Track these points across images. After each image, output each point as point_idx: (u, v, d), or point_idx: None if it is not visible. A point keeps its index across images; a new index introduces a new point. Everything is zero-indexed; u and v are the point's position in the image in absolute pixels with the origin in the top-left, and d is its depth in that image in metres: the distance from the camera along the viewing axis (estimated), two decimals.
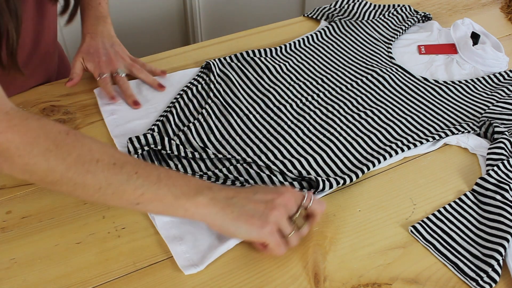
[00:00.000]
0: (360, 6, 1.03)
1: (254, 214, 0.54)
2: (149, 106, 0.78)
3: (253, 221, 0.54)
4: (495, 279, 0.56)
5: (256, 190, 0.57)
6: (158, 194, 0.53)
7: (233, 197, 0.55)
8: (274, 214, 0.54)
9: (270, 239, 0.54)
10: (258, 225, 0.54)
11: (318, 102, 0.80)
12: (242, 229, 0.54)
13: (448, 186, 0.68)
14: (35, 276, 0.56)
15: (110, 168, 0.52)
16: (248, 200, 0.55)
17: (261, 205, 0.55)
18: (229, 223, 0.54)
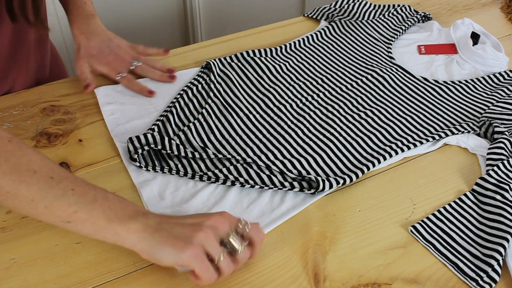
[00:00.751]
0: (360, 6, 1.03)
1: (179, 236, 0.51)
2: (149, 106, 0.79)
3: (177, 243, 0.51)
4: (495, 279, 0.56)
5: (190, 216, 0.54)
6: (91, 214, 0.51)
7: (164, 223, 0.53)
8: (200, 236, 0.51)
9: (194, 262, 0.50)
10: (181, 247, 0.50)
11: (318, 102, 0.80)
12: (167, 252, 0.51)
13: (448, 186, 0.68)
14: (35, 276, 0.56)
15: (46, 181, 0.51)
16: (177, 224, 0.52)
17: (188, 228, 0.52)
18: (155, 247, 0.51)
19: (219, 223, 0.53)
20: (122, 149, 0.70)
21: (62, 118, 0.76)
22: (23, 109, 0.78)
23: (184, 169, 0.67)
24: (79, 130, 0.75)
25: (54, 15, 1.47)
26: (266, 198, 0.65)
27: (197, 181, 0.66)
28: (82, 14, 0.82)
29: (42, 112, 0.77)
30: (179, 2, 1.68)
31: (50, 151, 0.71)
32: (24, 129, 0.74)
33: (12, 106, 0.78)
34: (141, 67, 0.83)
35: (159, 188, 0.65)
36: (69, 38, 1.55)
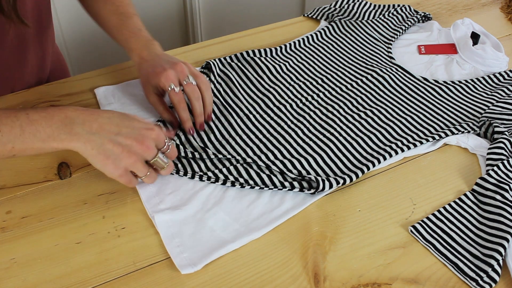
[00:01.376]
0: (360, 6, 1.03)
1: (110, 155, 0.57)
2: (149, 106, 0.78)
3: (107, 162, 0.58)
4: (495, 279, 0.56)
5: (119, 131, 0.58)
6: (26, 143, 0.56)
7: (95, 133, 0.57)
8: (128, 161, 0.58)
9: (120, 179, 0.60)
10: (110, 167, 0.58)
11: (318, 102, 0.80)
12: (97, 165, 0.58)
13: (448, 186, 0.68)
14: (35, 276, 0.56)
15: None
16: (108, 140, 0.57)
17: (118, 148, 0.58)
18: (89, 157, 0.58)
19: (147, 148, 0.59)
20: None
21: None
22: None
23: (184, 169, 0.67)
24: None
25: (54, 15, 1.47)
26: (266, 198, 0.65)
27: (197, 181, 0.66)
28: (140, 41, 0.76)
29: None
30: (179, 2, 1.68)
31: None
32: None
33: (12, 106, 0.78)
34: (192, 88, 0.71)
35: (158, 188, 0.65)
36: (69, 38, 1.55)
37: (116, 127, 0.59)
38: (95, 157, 0.58)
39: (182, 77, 0.70)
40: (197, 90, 0.71)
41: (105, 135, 0.58)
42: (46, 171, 0.68)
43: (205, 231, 0.61)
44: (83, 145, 0.57)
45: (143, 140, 0.59)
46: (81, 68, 1.62)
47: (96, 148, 0.57)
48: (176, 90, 0.70)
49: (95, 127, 0.58)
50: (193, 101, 0.71)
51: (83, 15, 0.89)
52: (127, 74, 0.86)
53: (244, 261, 0.58)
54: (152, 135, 0.60)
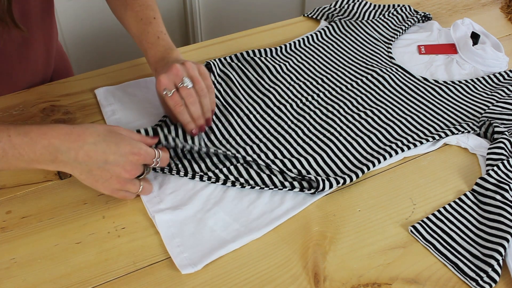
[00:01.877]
0: (360, 6, 1.03)
1: (98, 179, 0.59)
2: (149, 106, 0.78)
3: (97, 184, 0.59)
4: (495, 279, 0.56)
5: (106, 159, 0.58)
6: (11, 164, 0.56)
7: (81, 162, 0.57)
8: (117, 185, 0.60)
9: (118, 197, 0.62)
10: (101, 188, 0.60)
11: (318, 102, 0.80)
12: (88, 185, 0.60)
13: (448, 186, 0.68)
14: (35, 276, 0.56)
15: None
16: (96, 167, 0.58)
17: (107, 174, 0.58)
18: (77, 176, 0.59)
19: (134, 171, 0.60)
20: None
21: (62, 118, 0.76)
22: (23, 109, 0.78)
23: (184, 169, 0.67)
24: None
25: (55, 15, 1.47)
26: (266, 198, 0.65)
27: (197, 181, 0.66)
28: (157, 52, 0.73)
29: (42, 112, 0.77)
30: (179, 2, 1.68)
31: None
32: None
33: (12, 106, 0.78)
34: (187, 93, 0.68)
35: (158, 188, 0.65)
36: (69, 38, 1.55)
37: (102, 155, 0.57)
38: (84, 180, 0.59)
39: (177, 80, 0.67)
40: (192, 94, 0.67)
41: (92, 163, 0.57)
42: (46, 171, 0.68)
43: (206, 231, 0.61)
44: (71, 170, 0.58)
45: (131, 169, 0.59)
46: (81, 68, 1.61)
47: (85, 174, 0.58)
48: (169, 95, 0.67)
49: (81, 156, 0.57)
50: (188, 106, 0.68)
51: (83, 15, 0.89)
52: (127, 74, 0.86)
53: (244, 261, 0.58)
54: (139, 161, 0.60)
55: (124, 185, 0.60)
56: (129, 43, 1.65)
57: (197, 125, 0.70)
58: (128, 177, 0.59)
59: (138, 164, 0.60)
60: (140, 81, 0.83)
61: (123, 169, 0.58)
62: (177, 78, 0.67)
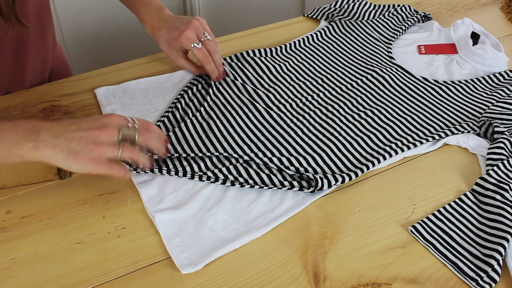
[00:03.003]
0: (360, 6, 1.03)
1: (78, 151, 0.58)
2: (149, 106, 0.79)
3: (79, 157, 0.57)
4: (495, 279, 0.56)
5: (79, 126, 0.59)
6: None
7: (59, 136, 0.58)
8: (97, 150, 0.58)
9: (101, 170, 0.59)
10: (84, 161, 0.58)
11: (318, 102, 0.80)
12: (73, 166, 0.58)
13: (448, 186, 0.68)
14: (35, 276, 0.56)
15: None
16: (72, 138, 0.58)
17: (83, 141, 0.58)
18: (61, 161, 0.57)
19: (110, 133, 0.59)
20: None
21: (62, 118, 0.76)
22: (23, 109, 0.78)
23: (183, 169, 0.67)
24: None
25: (54, 15, 1.47)
26: (266, 197, 0.65)
27: (197, 181, 0.66)
28: (151, 11, 0.82)
29: (42, 112, 0.77)
30: (179, 2, 1.68)
31: None
32: None
33: (12, 106, 0.78)
34: (210, 43, 0.80)
35: (158, 188, 0.65)
36: (69, 38, 1.55)
37: (76, 125, 0.59)
38: (66, 159, 0.58)
39: (199, 34, 0.79)
40: (213, 45, 0.80)
41: (68, 134, 0.58)
42: (46, 171, 0.68)
43: (205, 230, 0.61)
44: (52, 150, 0.57)
45: (104, 127, 0.59)
46: (81, 68, 1.62)
47: (65, 150, 0.57)
48: (198, 47, 0.78)
49: (59, 130, 0.58)
50: (212, 55, 0.80)
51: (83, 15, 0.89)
52: (127, 74, 0.86)
53: (244, 261, 0.58)
54: (111, 120, 0.61)
55: (103, 148, 0.59)
56: (129, 43, 1.65)
57: (220, 72, 0.81)
58: (105, 138, 0.59)
59: (111, 124, 0.60)
60: (140, 81, 0.83)
61: (97, 129, 0.59)
62: (199, 32, 0.79)
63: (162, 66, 0.87)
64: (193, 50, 0.78)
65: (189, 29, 0.78)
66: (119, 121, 0.61)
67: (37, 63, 0.85)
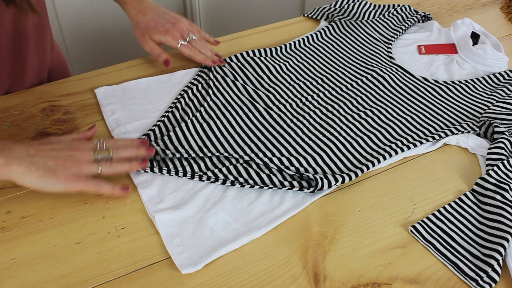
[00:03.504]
0: (360, 6, 1.03)
1: (56, 169, 0.58)
2: (149, 106, 0.79)
3: (56, 175, 0.58)
4: (495, 279, 0.56)
5: (53, 147, 0.61)
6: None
7: (34, 155, 0.58)
8: (75, 167, 0.60)
9: (82, 186, 0.60)
10: (62, 179, 0.59)
11: (318, 101, 0.80)
12: (50, 184, 0.58)
13: (448, 186, 0.68)
14: (35, 276, 0.56)
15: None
16: (48, 158, 0.59)
17: (60, 160, 0.59)
18: (36, 179, 0.58)
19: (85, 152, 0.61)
20: None
21: (62, 118, 0.76)
22: (23, 109, 0.78)
23: (183, 169, 0.67)
24: (79, 130, 0.75)
25: (54, 15, 1.47)
26: (266, 197, 0.65)
27: (197, 181, 0.66)
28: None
29: (42, 112, 0.77)
30: (179, 2, 1.68)
31: None
32: (24, 129, 0.74)
33: (12, 106, 0.78)
34: (196, 42, 0.84)
35: (158, 189, 0.65)
36: (69, 38, 1.55)
37: (49, 145, 0.61)
38: (42, 176, 0.58)
39: (184, 35, 0.84)
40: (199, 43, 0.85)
41: (44, 154, 0.59)
42: None
43: (205, 230, 0.61)
44: (26, 168, 0.57)
45: (77, 148, 0.62)
46: (81, 68, 1.62)
47: (41, 168, 0.58)
48: (185, 44, 0.83)
49: (32, 151, 0.59)
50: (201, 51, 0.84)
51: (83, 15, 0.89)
52: (127, 74, 0.86)
53: (244, 261, 0.58)
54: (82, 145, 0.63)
55: (81, 165, 0.60)
56: (129, 43, 1.65)
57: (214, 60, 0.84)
58: (80, 156, 0.61)
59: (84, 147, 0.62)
60: (140, 81, 0.83)
61: (71, 150, 0.61)
62: (184, 33, 0.84)
63: (162, 66, 0.87)
64: (180, 48, 0.83)
65: (175, 30, 0.83)
66: (89, 144, 0.63)
67: (36, 63, 0.85)
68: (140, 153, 0.66)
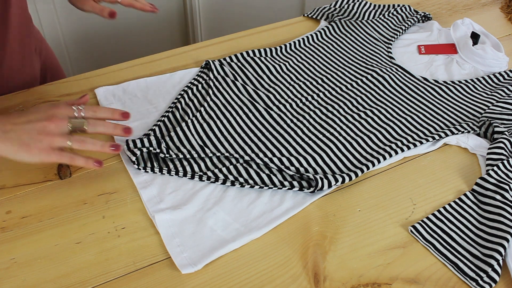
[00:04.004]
0: (360, 6, 1.03)
1: (29, 143, 0.59)
2: (149, 106, 0.79)
3: (29, 149, 0.59)
4: (495, 279, 0.56)
5: (28, 119, 0.61)
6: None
7: (9, 131, 0.60)
8: (47, 140, 0.60)
9: (52, 158, 0.60)
10: (35, 152, 0.59)
11: (318, 101, 0.80)
12: (26, 157, 0.60)
13: (448, 186, 0.68)
14: (35, 276, 0.56)
15: None
16: (22, 131, 0.60)
17: (33, 133, 0.60)
18: (13, 154, 0.59)
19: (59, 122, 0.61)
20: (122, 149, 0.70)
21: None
22: (23, 109, 0.78)
23: (183, 169, 0.67)
24: None
25: (54, 15, 1.47)
26: (266, 197, 0.65)
27: (197, 181, 0.66)
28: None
29: None
30: (179, 2, 1.68)
31: None
32: None
33: (12, 106, 0.78)
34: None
35: (158, 189, 0.65)
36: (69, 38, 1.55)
37: (25, 117, 0.61)
38: (17, 151, 0.59)
39: None
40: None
41: (18, 128, 0.60)
42: (46, 171, 0.68)
43: (205, 230, 0.61)
44: (3, 144, 0.59)
45: (52, 117, 0.61)
46: (81, 68, 1.62)
47: (16, 143, 0.59)
48: None
49: (8, 126, 0.60)
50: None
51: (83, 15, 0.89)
52: (127, 74, 0.86)
53: (244, 261, 0.58)
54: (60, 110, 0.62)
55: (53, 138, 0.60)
56: (129, 43, 1.65)
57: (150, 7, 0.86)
58: (53, 128, 0.60)
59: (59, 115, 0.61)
60: (140, 81, 0.83)
61: (46, 120, 0.61)
62: None
63: (162, 66, 0.87)
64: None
65: None
66: (66, 111, 0.62)
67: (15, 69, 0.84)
68: (115, 132, 0.65)
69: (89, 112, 0.63)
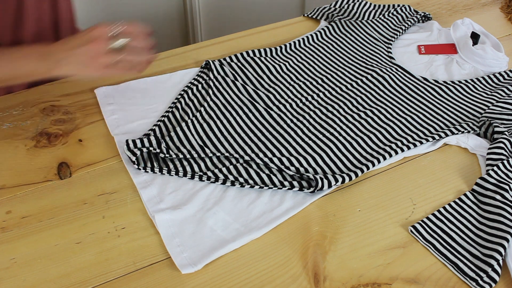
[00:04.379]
0: (360, 6, 1.03)
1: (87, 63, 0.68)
2: (149, 107, 0.79)
3: (90, 69, 0.69)
4: (495, 279, 0.56)
5: (79, 43, 0.69)
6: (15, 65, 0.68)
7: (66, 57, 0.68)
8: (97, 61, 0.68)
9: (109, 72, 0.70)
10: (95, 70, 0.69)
11: (318, 102, 0.80)
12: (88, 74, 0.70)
13: (448, 186, 0.68)
14: (35, 276, 0.56)
15: None
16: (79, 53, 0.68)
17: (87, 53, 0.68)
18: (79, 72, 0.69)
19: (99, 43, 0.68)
20: (122, 149, 0.70)
21: (62, 118, 0.77)
22: (23, 109, 0.78)
23: (183, 169, 0.67)
24: (79, 130, 0.75)
25: None
26: (266, 197, 0.65)
27: (197, 181, 0.66)
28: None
29: (42, 112, 0.77)
30: (179, 2, 1.68)
31: (50, 151, 0.71)
32: (24, 129, 0.74)
33: (12, 106, 0.78)
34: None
35: (158, 189, 0.65)
36: None
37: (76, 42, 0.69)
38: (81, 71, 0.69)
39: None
40: None
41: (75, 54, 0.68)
42: (46, 171, 0.68)
43: (205, 230, 0.61)
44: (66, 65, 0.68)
45: (95, 41, 0.68)
46: None
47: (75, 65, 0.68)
48: None
49: (63, 52, 0.69)
50: None
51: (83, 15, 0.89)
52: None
53: (244, 261, 0.58)
54: (95, 32, 0.69)
55: (105, 56, 0.68)
56: None
57: None
58: (102, 45, 0.68)
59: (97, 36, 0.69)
60: (140, 81, 0.83)
61: (94, 42, 0.68)
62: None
63: (162, 66, 0.87)
64: None
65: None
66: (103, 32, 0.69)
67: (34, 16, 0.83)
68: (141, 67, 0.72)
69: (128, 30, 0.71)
